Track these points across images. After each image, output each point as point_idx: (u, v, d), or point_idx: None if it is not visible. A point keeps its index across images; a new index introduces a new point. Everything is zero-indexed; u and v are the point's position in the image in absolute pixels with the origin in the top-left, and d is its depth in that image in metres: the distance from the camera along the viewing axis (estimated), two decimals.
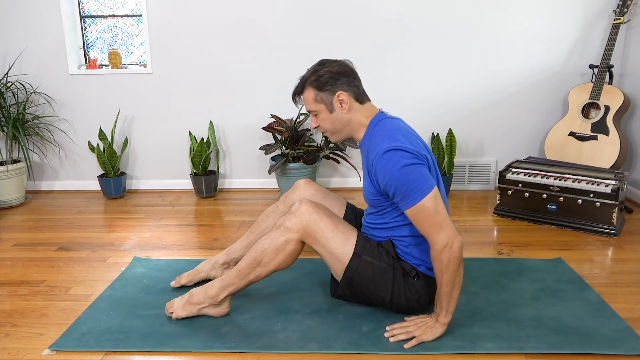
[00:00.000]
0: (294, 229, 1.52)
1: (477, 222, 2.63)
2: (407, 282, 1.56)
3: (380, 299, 1.59)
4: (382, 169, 1.43)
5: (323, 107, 1.54)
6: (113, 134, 3.19)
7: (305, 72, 1.58)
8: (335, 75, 1.52)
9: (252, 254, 1.56)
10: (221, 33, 3.13)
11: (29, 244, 2.42)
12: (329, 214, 1.57)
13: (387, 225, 1.59)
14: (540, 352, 1.45)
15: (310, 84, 1.53)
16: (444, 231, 1.40)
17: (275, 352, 1.48)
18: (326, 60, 1.56)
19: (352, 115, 1.55)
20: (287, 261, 1.56)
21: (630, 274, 1.97)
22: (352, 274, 1.55)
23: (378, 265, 1.55)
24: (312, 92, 1.53)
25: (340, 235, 1.54)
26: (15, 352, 1.50)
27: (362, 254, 1.54)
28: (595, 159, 2.75)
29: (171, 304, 1.68)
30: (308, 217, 1.52)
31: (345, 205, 1.85)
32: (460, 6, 3.04)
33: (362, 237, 1.58)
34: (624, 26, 3.02)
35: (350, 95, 1.53)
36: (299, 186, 1.86)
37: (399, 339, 1.51)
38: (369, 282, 1.55)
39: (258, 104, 3.24)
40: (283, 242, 1.53)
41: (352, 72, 1.56)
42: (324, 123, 1.57)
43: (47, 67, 3.21)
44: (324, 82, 1.51)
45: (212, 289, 1.62)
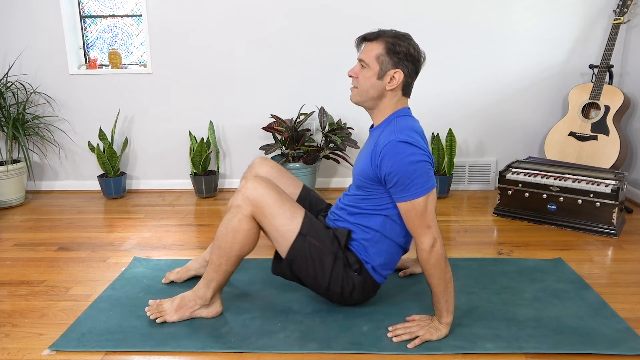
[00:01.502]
0: (243, 205, 1.51)
1: (477, 222, 2.63)
2: (346, 273, 1.56)
3: (317, 284, 1.58)
4: (392, 157, 1.42)
5: (376, 69, 1.49)
6: (113, 134, 3.19)
7: (386, 29, 1.52)
8: (409, 55, 1.48)
9: (215, 243, 1.56)
10: (221, 33, 3.13)
11: (29, 244, 2.42)
12: (276, 189, 1.55)
13: (363, 211, 1.58)
14: (540, 352, 1.45)
15: (385, 42, 1.48)
16: (431, 230, 1.44)
17: (275, 352, 1.48)
18: (411, 38, 1.51)
19: (389, 96, 1.53)
20: (248, 241, 1.53)
21: (630, 274, 1.97)
22: (295, 254, 1.54)
23: (321, 249, 1.54)
24: (380, 48, 1.48)
25: (287, 212, 1.53)
26: (15, 352, 1.50)
27: (307, 235, 1.53)
28: (595, 159, 2.75)
29: (158, 306, 1.66)
30: (254, 192, 1.50)
31: (300, 187, 1.83)
32: (461, 6, 3.04)
33: (309, 219, 1.56)
34: (624, 26, 3.02)
35: (403, 81, 1.51)
36: (254, 165, 1.84)
37: (402, 339, 1.51)
38: (309, 264, 1.55)
39: (258, 104, 3.24)
40: (237, 221, 1.51)
41: (420, 65, 1.53)
42: (362, 80, 1.51)
43: (47, 67, 3.21)
44: (397, 51, 1.47)
45: (199, 289, 1.63)
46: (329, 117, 3.08)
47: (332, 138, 2.88)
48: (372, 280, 1.61)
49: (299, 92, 3.21)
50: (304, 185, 1.85)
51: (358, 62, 1.53)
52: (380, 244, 1.58)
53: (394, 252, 1.62)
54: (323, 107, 3.10)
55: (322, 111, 3.04)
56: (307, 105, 3.22)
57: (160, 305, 1.66)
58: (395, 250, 1.62)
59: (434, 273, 1.45)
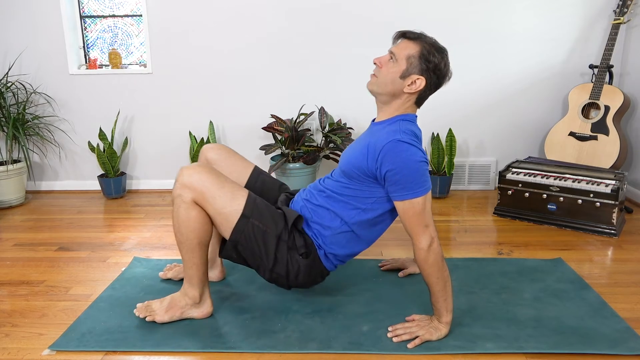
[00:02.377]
0: (183, 193, 1.49)
1: (477, 222, 2.63)
2: (290, 256, 1.56)
3: (262, 266, 1.57)
4: (395, 155, 1.42)
5: (403, 67, 1.48)
6: (113, 134, 3.19)
7: (428, 35, 1.52)
8: (438, 69, 1.49)
9: (177, 240, 1.56)
10: (221, 33, 3.13)
11: (29, 244, 2.42)
12: (214, 173, 1.53)
13: (342, 198, 1.57)
14: (540, 352, 1.45)
15: (422, 46, 1.48)
16: (428, 230, 1.45)
17: (275, 352, 1.48)
18: (447, 54, 1.52)
19: (403, 98, 1.53)
20: (202, 227, 1.52)
21: (630, 274, 1.98)
22: (238, 236, 1.52)
23: (264, 231, 1.53)
24: (415, 50, 1.48)
25: (228, 194, 1.51)
26: (15, 352, 1.50)
27: (250, 217, 1.52)
28: (595, 159, 2.75)
29: (147, 306, 1.65)
30: (190, 178, 1.49)
31: (251, 168, 1.81)
32: (461, 6, 3.04)
33: (253, 200, 1.55)
34: (624, 26, 3.02)
35: (422, 89, 1.51)
36: (203, 150, 1.82)
37: (402, 339, 1.51)
38: (253, 246, 1.53)
39: (258, 104, 3.24)
40: (183, 211, 1.50)
41: (443, 83, 1.55)
42: (385, 72, 1.50)
43: (47, 67, 3.21)
44: (429, 59, 1.47)
45: (185, 289, 1.62)
46: (329, 117, 3.08)
47: (332, 138, 2.88)
48: (320, 266, 1.60)
49: (299, 92, 3.21)
50: (255, 166, 1.83)
51: (388, 54, 1.53)
52: (343, 236, 1.58)
53: (353, 247, 1.62)
54: (323, 107, 3.10)
55: (322, 111, 3.04)
56: (307, 105, 3.22)
57: (149, 306, 1.65)
58: (354, 245, 1.62)
59: (432, 272, 1.46)
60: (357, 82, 3.18)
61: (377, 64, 1.52)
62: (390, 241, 2.36)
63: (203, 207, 1.51)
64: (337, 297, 1.80)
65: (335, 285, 1.89)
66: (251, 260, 1.58)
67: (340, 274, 1.98)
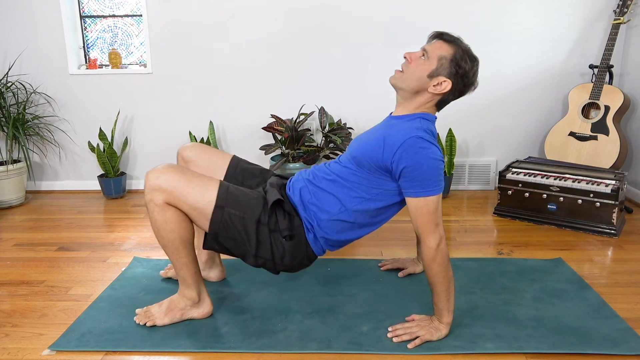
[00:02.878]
0: (153, 197, 1.47)
1: (477, 222, 2.63)
2: (273, 238, 1.53)
3: (247, 252, 1.54)
4: (416, 152, 1.41)
5: (433, 67, 1.48)
6: (113, 134, 3.19)
7: (464, 42, 1.53)
8: (466, 76, 1.50)
9: (160, 244, 1.54)
10: (221, 33, 3.13)
11: (29, 244, 2.42)
12: (180, 170, 1.51)
13: (347, 184, 1.55)
14: (540, 352, 1.45)
15: (456, 50, 1.49)
16: (438, 229, 1.45)
17: (275, 352, 1.48)
18: (478, 64, 1.54)
19: (425, 96, 1.52)
20: (181, 226, 1.50)
21: (630, 274, 1.98)
22: (216, 227, 1.50)
23: (242, 217, 1.50)
24: (448, 52, 1.48)
25: (197, 188, 1.49)
26: (15, 352, 1.50)
27: (224, 206, 1.49)
28: (595, 159, 2.75)
29: (146, 311, 1.64)
30: (156, 180, 1.47)
31: (229, 158, 1.78)
32: (461, 6, 3.04)
33: (225, 189, 1.52)
34: (624, 26, 3.02)
35: (446, 92, 1.51)
36: (178, 152, 1.80)
37: (402, 339, 1.50)
38: (234, 234, 1.51)
39: (258, 104, 3.24)
40: (157, 214, 1.48)
41: (467, 91, 1.55)
42: (414, 68, 1.50)
43: (47, 67, 3.21)
44: (460, 65, 1.48)
45: (182, 290, 1.62)
46: (329, 117, 3.08)
47: (332, 138, 2.88)
48: (307, 249, 1.58)
49: (299, 92, 3.21)
50: (234, 156, 1.80)
51: (420, 50, 1.52)
52: (339, 222, 1.56)
53: (347, 234, 1.59)
54: (323, 107, 3.10)
55: (322, 111, 3.04)
56: (307, 105, 3.22)
57: (148, 311, 1.64)
58: (349, 233, 1.59)
59: (439, 272, 1.45)
60: (357, 82, 3.18)
61: (407, 59, 1.52)
62: (390, 241, 2.36)
63: (176, 206, 1.49)
64: (337, 297, 1.80)
65: (335, 285, 1.89)
66: (234, 249, 1.55)
67: (340, 274, 1.98)
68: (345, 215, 1.56)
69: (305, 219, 1.58)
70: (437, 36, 1.53)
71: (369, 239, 2.39)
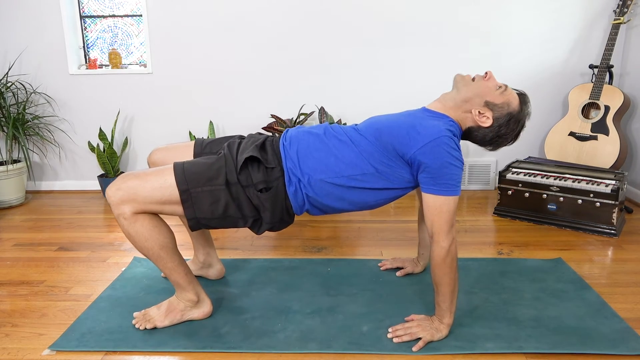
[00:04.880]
0: (120, 211, 1.45)
1: (477, 222, 2.63)
2: (248, 193, 1.48)
3: (234, 220, 1.51)
4: (448, 150, 1.40)
5: (497, 101, 1.50)
6: (113, 134, 3.19)
7: (530, 105, 1.56)
8: (504, 134, 1.53)
9: (143, 254, 1.52)
10: (221, 33, 3.13)
11: (29, 244, 2.42)
12: (132, 175, 1.48)
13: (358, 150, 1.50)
14: (540, 352, 1.45)
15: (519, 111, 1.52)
16: (452, 230, 1.44)
17: (275, 352, 1.48)
18: (519, 134, 1.56)
19: (464, 112, 1.53)
20: (156, 232, 1.48)
21: (630, 274, 1.97)
22: (192, 212, 1.46)
23: (210, 191, 1.46)
24: (513, 106, 1.51)
25: (155, 183, 1.45)
26: (15, 352, 1.50)
27: (188, 188, 1.45)
28: (595, 159, 2.75)
29: (145, 314, 1.63)
30: (116, 193, 1.45)
31: (193, 143, 1.73)
32: (460, 6, 3.04)
33: (180, 169, 1.47)
34: (624, 26, 3.02)
35: (477, 126, 1.53)
36: (147, 160, 1.78)
37: (403, 340, 1.50)
38: (212, 210, 1.47)
39: (258, 104, 3.24)
40: (129, 227, 1.46)
41: (493, 143, 1.57)
42: (483, 85, 1.52)
43: (47, 67, 3.21)
44: (509, 122, 1.51)
45: (180, 292, 1.61)
46: (329, 117, 3.08)
47: None
48: (286, 201, 1.52)
49: (299, 92, 3.21)
50: (197, 139, 1.75)
51: (502, 83, 1.54)
52: (332, 187, 1.51)
53: (334, 203, 1.55)
54: (323, 107, 3.10)
55: (322, 111, 3.04)
56: (307, 105, 3.22)
57: (147, 314, 1.63)
58: (337, 203, 1.54)
59: (447, 272, 1.45)
60: (357, 82, 3.18)
61: (487, 74, 1.52)
62: (390, 241, 2.36)
63: (146, 210, 1.46)
64: (337, 297, 1.80)
65: (335, 285, 1.89)
66: (221, 223, 1.52)
67: (340, 274, 1.98)
68: (344, 181, 1.51)
69: (290, 171, 1.51)
70: (519, 92, 1.56)
71: (369, 239, 2.39)
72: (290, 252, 2.24)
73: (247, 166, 1.50)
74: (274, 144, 1.59)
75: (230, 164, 1.50)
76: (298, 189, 1.51)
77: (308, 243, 2.36)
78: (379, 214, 2.79)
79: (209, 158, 1.54)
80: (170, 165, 1.51)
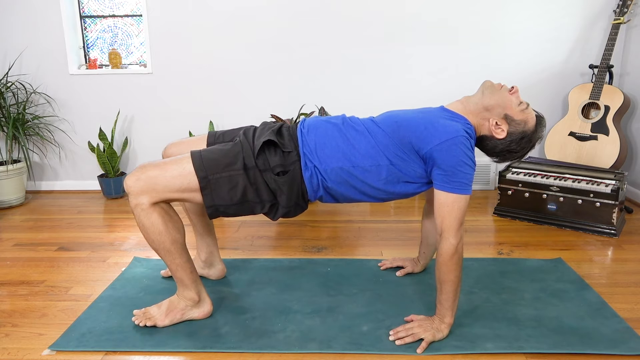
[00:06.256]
0: (138, 201, 1.45)
1: (477, 222, 2.63)
2: (266, 177, 1.49)
3: (252, 205, 1.51)
4: (465, 150, 1.42)
5: (517, 117, 1.50)
6: (113, 134, 3.20)
7: (545, 128, 1.58)
8: (511, 151, 1.55)
9: (152, 248, 1.53)
10: (221, 33, 3.13)
11: (29, 244, 2.42)
12: (151, 165, 1.49)
13: (375, 141, 1.52)
14: (540, 352, 1.45)
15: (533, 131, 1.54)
16: (461, 229, 1.45)
17: (275, 352, 1.48)
18: (527, 152, 1.58)
19: (483, 119, 1.53)
20: (169, 226, 1.49)
21: (630, 274, 1.98)
22: (211, 200, 1.48)
23: (229, 177, 1.47)
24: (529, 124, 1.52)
25: (174, 172, 1.46)
26: (15, 352, 1.51)
27: (207, 175, 1.46)
28: (595, 159, 2.75)
29: (145, 312, 1.63)
30: (135, 183, 1.45)
31: (206, 135, 1.74)
32: (460, 6, 3.04)
33: (198, 157, 1.48)
34: (624, 26, 3.02)
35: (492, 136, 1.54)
36: (162, 153, 1.79)
37: (405, 341, 1.50)
38: (231, 197, 1.48)
39: (258, 104, 3.24)
40: (144, 218, 1.47)
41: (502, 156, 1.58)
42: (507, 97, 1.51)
43: (47, 67, 3.21)
44: (521, 140, 1.53)
45: (181, 291, 1.61)
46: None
47: None
48: (302, 185, 1.52)
49: (299, 92, 3.21)
50: (210, 131, 1.76)
51: (525, 101, 1.54)
52: (346, 175, 1.52)
53: (347, 191, 1.55)
54: (323, 107, 3.10)
55: (322, 111, 3.04)
56: (307, 105, 3.22)
57: (147, 312, 1.63)
58: (350, 191, 1.55)
59: (453, 270, 1.45)
60: (357, 82, 3.18)
61: (513, 88, 1.52)
62: (390, 241, 2.36)
63: (165, 199, 1.47)
64: (337, 297, 1.80)
65: (335, 285, 1.89)
66: (239, 210, 1.52)
67: (340, 274, 1.98)
68: (357, 170, 1.51)
69: (307, 156, 1.52)
70: (538, 115, 1.56)
71: (369, 239, 2.39)
72: (290, 252, 2.24)
73: (264, 150, 1.52)
74: (290, 130, 1.60)
75: (247, 149, 1.51)
76: (314, 174, 1.52)
77: (308, 243, 2.36)
78: (379, 214, 2.79)
79: (226, 145, 1.55)
80: (187, 153, 1.52)
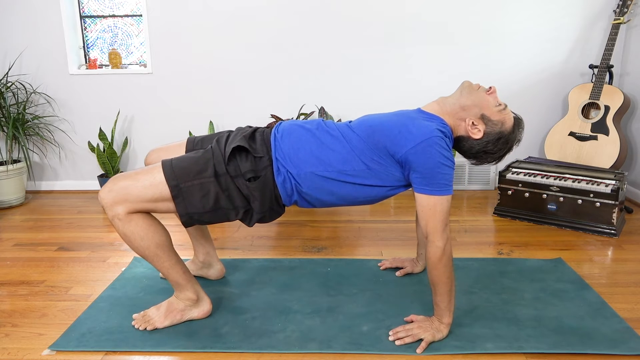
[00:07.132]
0: (114, 212, 1.45)
1: (477, 222, 2.63)
2: (238, 184, 1.49)
3: (226, 212, 1.51)
4: (440, 151, 1.40)
5: (494, 117, 1.50)
6: (113, 134, 3.20)
7: (523, 131, 1.58)
8: (487, 152, 1.55)
9: (138, 255, 1.52)
10: (221, 33, 3.13)
11: (29, 244, 2.42)
12: (122, 176, 1.49)
13: (350, 146, 1.51)
14: (540, 352, 1.45)
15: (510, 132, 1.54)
16: (447, 229, 1.44)
17: (275, 352, 1.48)
18: (505, 155, 1.58)
19: (459, 119, 1.53)
20: (150, 231, 1.48)
21: (630, 274, 1.97)
22: (184, 208, 1.47)
23: (199, 184, 1.46)
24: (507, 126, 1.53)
25: (146, 182, 1.46)
26: (15, 352, 1.50)
27: (178, 183, 1.45)
28: (595, 159, 2.75)
29: (144, 315, 1.63)
30: (108, 195, 1.45)
31: (185, 141, 1.74)
32: (460, 6, 3.04)
33: (169, 167, 1.48)
34: (624, 26, 3.02)
35: (467, 136, 1.54)
36: (144, 162, 1.78)
37: (405, 341, 1.50)
38: (203, 204, 1.47)
39: (258, 104, 3.24)
40: (123, 227, 1.46)
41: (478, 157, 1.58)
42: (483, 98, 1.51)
43: (47, 67, 3.21)
44: (498, 141, 1.53)
45: (179, 293, 1.61)
46: (329, 117, 3.08)
47: None
48: (275, 190, 1.52)
49: (299, 92, 3.21)
50: (189, 137, 1.76)
51: (503, 102, 1.54)
52: (321, 180, 1.51)
53: (323, 196, 1.54)
54: (323, 107, 3.10)
55: (322, 111, 3.04)
56: (307, 105, 3.22)
57: (146, 315, 1.63)
58: (326, 196, 1.54)
59: (444, 272, 1.45)
60: (357, 82, 3.18)
61: (490, 89, 1.52)
62: (390, 241, 2.36)
63: (140, 209, 1.47)
64: (337, 297, 1.80)
65: (335, 285, 1.89)
66: (213, 217, 1.52)
67: (340, 274, 1.98)
68: (333, 174, 1.50)
69: (279, 161, 1.51)
70: (516, 116, 1.57)
71: (369, 239, 2.40)
72: (290, 252, 2.24)
73: (235, 156, 1.51)
74: (264, 134, 1.59)
75: (218, 156, 1.51)
76: (287, 178, 1.52)
77: (308, 243, 2.36)
78: (379, 214, 2.79)
79: (197, 152, 1.55)
80: (158, 163, 1.52)
